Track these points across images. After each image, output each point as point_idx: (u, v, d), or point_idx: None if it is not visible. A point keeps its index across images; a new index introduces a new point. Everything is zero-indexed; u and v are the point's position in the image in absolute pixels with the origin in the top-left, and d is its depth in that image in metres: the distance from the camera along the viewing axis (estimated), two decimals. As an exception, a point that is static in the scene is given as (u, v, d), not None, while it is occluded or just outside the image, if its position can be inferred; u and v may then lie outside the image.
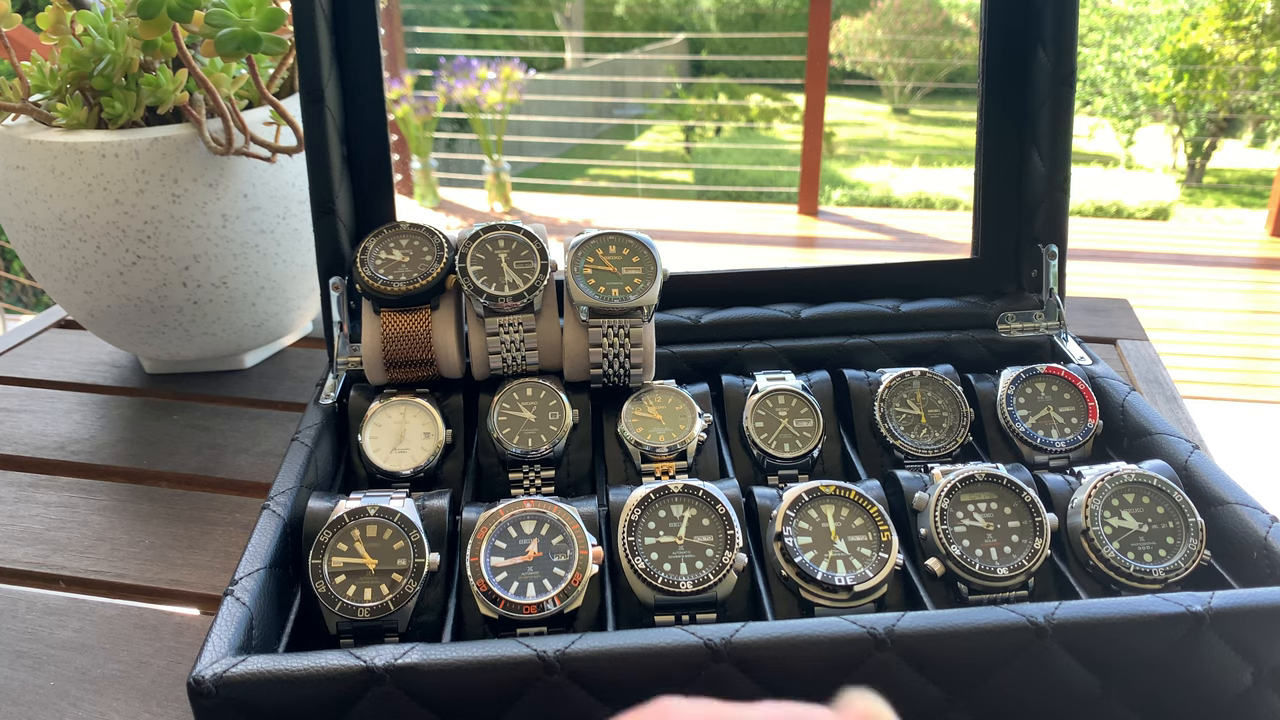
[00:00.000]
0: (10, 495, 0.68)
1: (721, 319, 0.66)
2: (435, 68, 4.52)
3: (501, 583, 0.46)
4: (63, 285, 0.73)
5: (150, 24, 0.65)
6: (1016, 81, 0.66)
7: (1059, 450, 0.57)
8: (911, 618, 0.41)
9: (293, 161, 0.74)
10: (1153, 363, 0.81)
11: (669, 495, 0.49)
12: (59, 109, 0.68)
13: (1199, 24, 5.42)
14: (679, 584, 0.46)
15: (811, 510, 0.49)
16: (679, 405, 0.59)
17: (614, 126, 7.08)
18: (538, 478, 0.57)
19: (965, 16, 6.53)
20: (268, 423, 0.76)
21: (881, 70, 7.09)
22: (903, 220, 4.64)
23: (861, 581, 0.46)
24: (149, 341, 0.77)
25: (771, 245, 4.15)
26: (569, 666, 0.40)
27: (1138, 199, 4.98)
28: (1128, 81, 5.97)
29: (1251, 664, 0.42)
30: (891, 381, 0.60)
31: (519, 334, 0.59)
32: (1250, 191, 5.72)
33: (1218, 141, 5.94)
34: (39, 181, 0.68)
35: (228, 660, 0.40)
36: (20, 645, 0.55)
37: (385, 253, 0.61)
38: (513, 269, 0.60)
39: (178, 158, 0.68)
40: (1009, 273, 0.68)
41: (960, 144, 6.52)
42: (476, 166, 4.79)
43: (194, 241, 0.70)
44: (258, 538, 0.47)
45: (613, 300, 0.58)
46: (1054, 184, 0.64)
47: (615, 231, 0.61)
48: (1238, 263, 3.99)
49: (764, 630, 0.41)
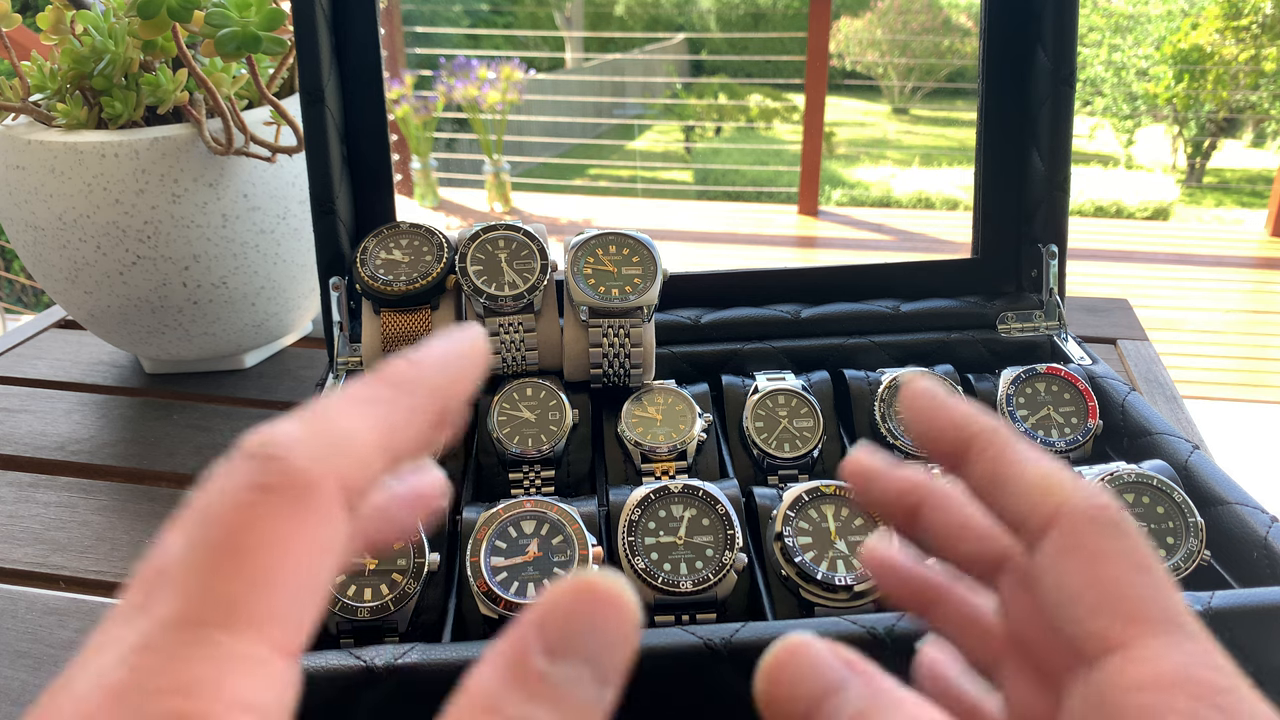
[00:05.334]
0: (10, 495, 0.68)
1: (721, 319, 0.66)
2: (435, 68, 4.52)
3: (501, 583, 0.46)
4: (63, 285, 0.73)
5: (150, 24, 0.65)
6: (1016, 81, 0.66)
7: (1059, 450, 0.57)
8: (912, 618, 0.41)
9: (293, 161, 0.74)
10: (1153, 363, 0.81)
11: (669, 495, 0.49)
12: (59, 109, 0.68)
13: (1199, 24, 5.42)
14: (679, 584, 0.46)
15: (811, 510, 0.49)
16: (679, 405, 0.59)
17: (614, 126, 7.08)
18: (538, 478, 0.57)
19: (965, 16, 6.53)
20: (268, 423, 0.76)
21: (881, 70, 7.09)
22: (903, 220, 4.64)
23: (861, 581, 0.46)
24: (149, 341, 0.77)
25: (771, 245, 4.15)
26: (569, 666, 0.40)
27: (1138, 199, 4.98)
28: (1128, 81, 5.97)
29: (1252, 664, 0.41)
30: (891, 381, 0.60)
31: (519, 334, 0.59)
32: (1250, 191, 5.72)
33: (1218, 141, 5.94)
34: (39, 181, 0.68)
35: (228, 660, 0.40)
36: (20, 645, 0.55)
37: (385, 253, 0.61)
38: (513, 269, 0.60)
39: (178, 158, 0.68)
40: (1009, 273, 0.68)
41: (960, 144, 6.52)
42: (476, 166, 4.79)
43: (194, 241, 0.70)
44: (258, 538, 0.47)
45: (613, 300, 0.58)
46: (1054, 184, 0.64)
47: (615, 231, 0.61)
48: (1238, 263, 3.99)
49: (764, 630, 0.41)
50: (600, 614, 0.18)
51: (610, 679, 0.18)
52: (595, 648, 0.18)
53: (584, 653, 0.18)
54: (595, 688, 0.18)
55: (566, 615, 0.18)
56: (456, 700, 0.18)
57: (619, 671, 0.18)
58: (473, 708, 0.17)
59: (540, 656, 0.17)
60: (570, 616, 0.18)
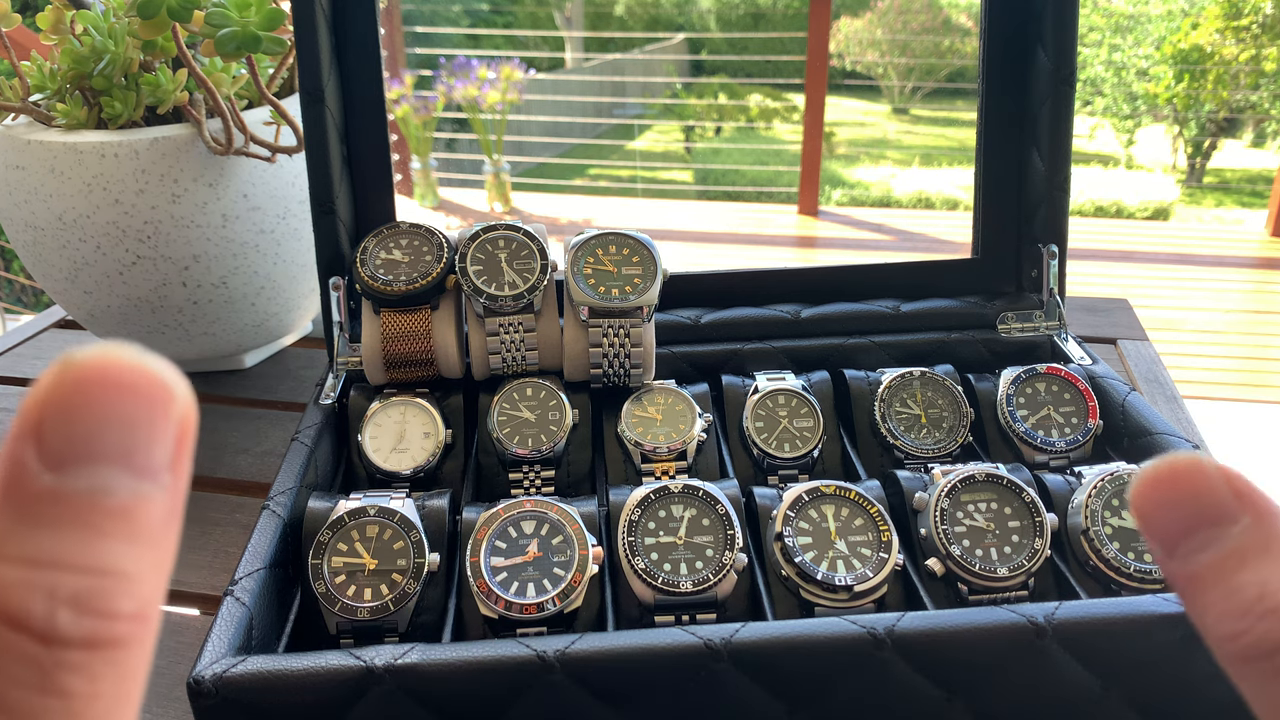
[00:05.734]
0: (10, 495, 0.68)
1: (721, 319, 0.66)
2: (435, 68, 4.52)
3: (501, 583, 0.46)
4: (63, 285, 0.73)
5: (150, 24, 0.65)
6: (1016, 81, 0.66)
7: (1059, 450, 0.57)
8: (911, 618, 0.41)
9: (293, 161, 0.74)
10: (1153, 363, 0.81)
11: (669, 495, 0.49)
12: (59, 109, 0.68)
13: (1199, 24, 5.42)
14: (679, 584, 0.46)
15: (811, 510, 0.49)
16: (679, 405, 0.59)
17: (614, 126, 7.08)
18: (538, 478, 0.57)
19: (965, 16, 6.53)
20: (268, 423, 0.76)
21: (881, 70, 7.09)
22: (903, 220, 4.64)
23: (861, 581, 0.46)
24: (149, 341, 0.77)
25: (771, 245, 4.15)
26: (569, 666, 0.40)
27: (1138, 199, 4.98)
28: (1128, 81, 5.97)
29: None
30: (891, 381, 0.60)
31: (519, 334, 0.59)
32: (1250, 191, 5.71)
33: (1218, 141, 5.93)
34: (39, 181, 0.68)
35: (227, 660, 0.40)
36: (20, 645, 0.55)
37: (385, 253, 0.61)
38: (513, 269, 0.60)
39: (178, 158, 0.68)
40: (1009, 273, 0.68)
41: (960, 144, 6.52)
42: (476, 166, 4.79)
43: (194, 241, 0.70)
44: (257, 538, 0.47)
45: (613, 300, 0.58)
46: (1054, 184, 0.64)
47: (615, 231, 0.61)
48: (1238, 263, 3.99)
49: (764, 630, 0.41)
50: (110, 397, 0.14)
51: (152, 467, 0.14)
52: (118, 438, 0.14)
53: (104, 450, 0.14)
54: (131, 483, 0.14)
55: (64, 411, 0.14)
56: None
57: (166, 455, 0.15)
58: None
59: (43, 470, 0.14)
60: (68, 412, 0.14)
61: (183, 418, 0.15)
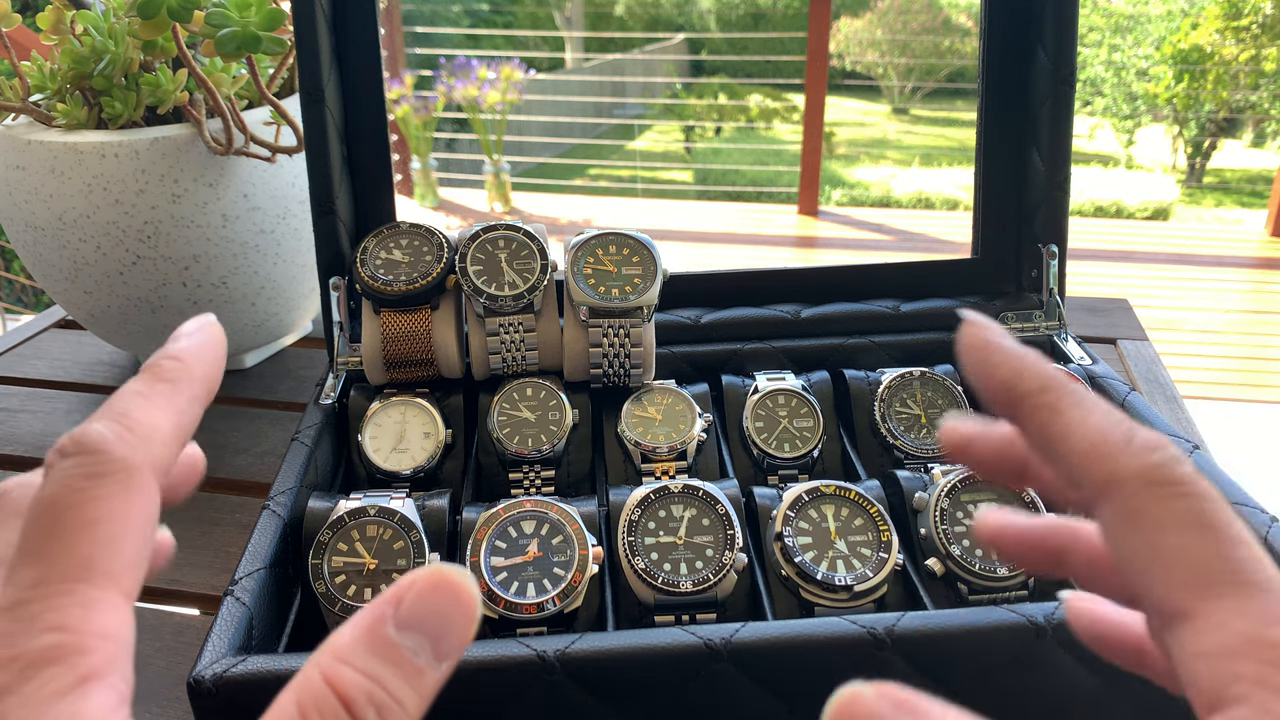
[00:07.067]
0: (10, 495, 0.68)
1: (721, 319, 0.66)
2: (435, 68, 4.52)
3: (501, 583, 0.46)
4: (63, 285, 0.73)
5: (150, 24, 0.65)
6: (1016, 81, 0.66)
7: (1059, 450, 0.57)
8: (911, 618, 0.41)
9: (293, 161, 0.74)
10: (1153, 363, 0.81)
11: (669, 495, 0.49)
12: (59, 109, 0.68)
13: (1199, 24, 5.42)
14: (679, 584, 0.46)
15: (811, 510, 0.49)
16: (679, 405, 0.59)
17: (614, 126, 7.08)
18: (538, 478, 0.57)
19: (965, 16, 6.53)
20: (268, 423, 0.76)
21: (881, 70, 7.09)
22: (903, 220, 4.64)
23: (861, 581, 0.46)
24: (149, 341, 0.77)
25: (771, 245, 4.15)
26: (569, 666, 0.40)
27: (1138, 199, 4.98)
28: (1128, 81, 5.97)
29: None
30: (891, 381, 0.60)
31: (519, 334, 0.59)
32: (1250, 191, 5.72)
33: (1218, 141, 5.93)
34: (39, 181, 0.68)
35: (228, 660, 0.40)
36: (20, 645, 0.55)
37: (385, 253, 0.61)
38: (513, 269, 0.60)
39: (178, 158, 0.68)
40: (1009, 273, 0.68)
41: (960, 144, 6.52)
42: (476, 166, 4.79)
43: (194, 241, 0.70)
44: (258, 538, 0.47)
45: (613, 300, 0.58)
46: (1054, 184, 0.64)
47: (615, 231, 0.61)
48: (1238, 263, 3.99)
49: (764, 630, 0.41)
50: (446, 601, 0.22)
51: (446, 654, 0.22)
52: (437, 627, 0.22)
53: (427, 630, 0.22)
54: (432, 659, 0.21)
55: (418, 596, 0.22)
56: (321, 649, 0.21)
57: (455, 650, 0.22)
58: (331, 656, 0.21)
59: (392, 626, 0.21)
60: (420, 598, 0.22)
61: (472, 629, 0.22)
